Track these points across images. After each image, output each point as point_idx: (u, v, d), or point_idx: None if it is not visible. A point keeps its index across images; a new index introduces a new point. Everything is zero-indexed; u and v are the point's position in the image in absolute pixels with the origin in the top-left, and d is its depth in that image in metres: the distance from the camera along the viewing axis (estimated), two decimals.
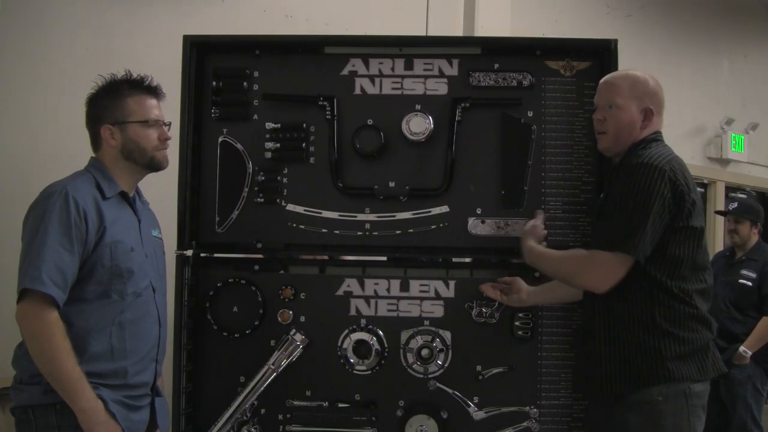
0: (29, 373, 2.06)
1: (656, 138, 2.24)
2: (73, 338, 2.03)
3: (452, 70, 2.52)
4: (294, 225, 2.50)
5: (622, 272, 2.10)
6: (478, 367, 2.45)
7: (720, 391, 4.44)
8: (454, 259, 2.54)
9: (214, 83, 2.52)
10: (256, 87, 2.53)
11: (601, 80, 2.31)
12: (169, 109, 2.38)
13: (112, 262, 2.11)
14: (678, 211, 2.10)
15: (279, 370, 2.38)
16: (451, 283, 2.47)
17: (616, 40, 2.45)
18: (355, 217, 2.50)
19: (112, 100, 2.23)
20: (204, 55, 2.52)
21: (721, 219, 6.15)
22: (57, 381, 2.00)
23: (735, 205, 4.65)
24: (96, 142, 2.27)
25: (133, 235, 2.21)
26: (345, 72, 2.53)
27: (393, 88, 2.52)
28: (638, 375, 2.10)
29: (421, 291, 2.48)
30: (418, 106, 2.50)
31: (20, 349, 2.09)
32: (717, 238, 6.38)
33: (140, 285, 2.18)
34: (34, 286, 1.98)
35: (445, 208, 2.49)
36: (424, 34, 4.30)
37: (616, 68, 2.40)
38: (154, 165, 2.26)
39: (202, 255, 2.51)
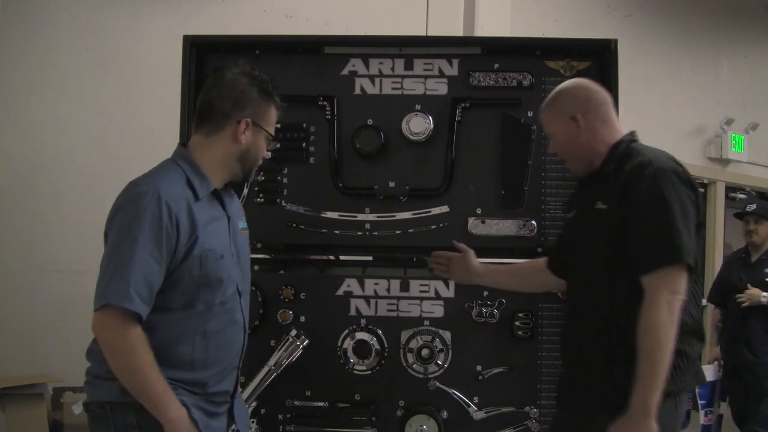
0: (106, 368, 1.91)
1: (634, 138, 2.11)
2: (155, 347, 1.90)
3: (452, 70, 2.52)
4: (294, 225, 2.50)
5: (684, 284, 1.93)
6: (478, 367, 2.45)
7: (746, 383, 4.54)
8: None
9: None
10: None
11: None
12: (169, 109, 2.38)
13: (201, 272, 1.96)
14: (696, 210, 2.00)
15: (279, 370, 2.38)
16: (451, 283, 2.47)
17: (616, 40, 2.45)
18: (355, 217, 2.50)
19: (262, 99, 2.05)
20: (204, 55, 2.52)
21: (722, 218, 6.16)
22: (142, 394, 1.88)
23: (754, 206, 4.75)
24: (217, 129, 2.00)
25: (223, 239, 2.05)
26: (345, 72, 2.53)
27: (393, 88, 2.52)
28: None
29: (421, 291, 2.48)
30: (418, 106, 2.50)
31: (96, 344, 1.93)
32: (717, 237, 6.38)
33: (227, 293, 2.03)
34: (121, 303, 1.83)
35: (445, 208, 2.49)
36: (424, 34, 4.30)
37: (616, 68, 2.41)
38: (248, 177, 2.13)
39: None
